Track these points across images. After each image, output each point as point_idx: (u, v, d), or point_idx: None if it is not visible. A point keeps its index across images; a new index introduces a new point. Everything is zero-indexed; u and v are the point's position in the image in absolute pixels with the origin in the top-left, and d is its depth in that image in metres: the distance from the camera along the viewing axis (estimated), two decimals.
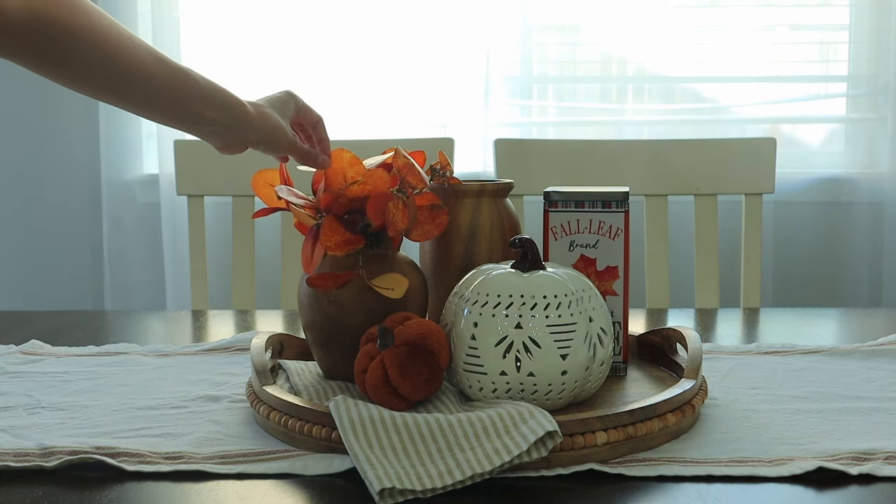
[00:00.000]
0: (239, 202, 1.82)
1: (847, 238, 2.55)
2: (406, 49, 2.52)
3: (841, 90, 2.61)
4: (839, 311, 1.70)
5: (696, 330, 1.38)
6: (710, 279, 1.80)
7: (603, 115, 2.62)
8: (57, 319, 1.51)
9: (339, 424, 0.86)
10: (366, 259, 1.02)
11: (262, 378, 1.00)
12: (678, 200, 1.99)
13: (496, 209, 1.09)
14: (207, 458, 0.89)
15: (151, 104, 1.03)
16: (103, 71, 0.98)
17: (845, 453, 0.88)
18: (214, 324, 1.53)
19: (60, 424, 0.99)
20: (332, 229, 0.99)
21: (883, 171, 2.52)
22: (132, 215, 2.56)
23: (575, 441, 0.86)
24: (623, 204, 1.08)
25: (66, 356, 1.25)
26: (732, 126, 2.58)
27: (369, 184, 0.99)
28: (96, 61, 0.97)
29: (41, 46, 0.94)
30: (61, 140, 2.59)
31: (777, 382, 1.11)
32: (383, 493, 0.79)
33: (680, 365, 1.09)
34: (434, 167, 1.11)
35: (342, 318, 1.01)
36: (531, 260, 0.97)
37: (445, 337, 0.95)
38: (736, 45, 2.54)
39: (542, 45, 2.61)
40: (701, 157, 1.83)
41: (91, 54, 0.96)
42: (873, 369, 1.15)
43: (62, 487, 0.84)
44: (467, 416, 0.87)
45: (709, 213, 1.81)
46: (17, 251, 2.63)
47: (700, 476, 0.85)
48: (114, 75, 0.99)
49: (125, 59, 0.98)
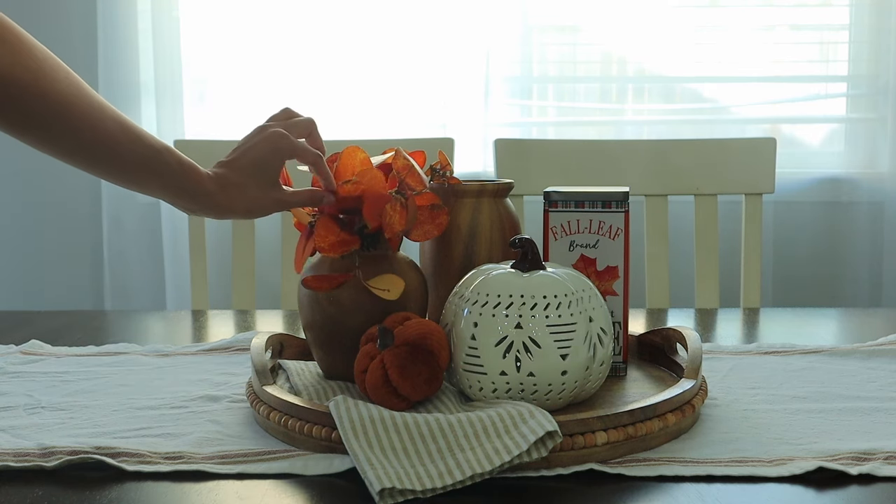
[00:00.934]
0: None
1: (847, 238, 2.55)
2: (406, 49, 2.52)
3: (841, 90, 2.61)
4: (839, 311, 1.70)
5: (696, 330, 1.38)
6: (710, 279, 1.80)
7: (603, 115, 2.62)
8: (57, 319, 1.51)
9: (339, 424, 0.86)
10: (363, 259, 1.02)
11: (262, 378, 1.00)
12: (678, 200, 1.99)
13: (496, 209, 1.09)
14: (207, 458, 0.89)
15: (113, 175, 0.99)
16: (64, 138, 0.95)
17: (845, 453, 0.88)
18: (214, 324, 1.53)
19: (60, 424, 0.99)
20: (326, 229, 0.99)
21: (883, 171, 2.52)
22: (132, 215, 2.56)
23: (575, 441, 0.86)
24: (623, 204, 1.08)
25: (66, 356, 1.25)
26: (732, 126, 2.58)
27: (363, 183, 0.99)
28: (58, 128, 0.94)
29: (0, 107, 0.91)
30: None
31: (777, 382, 1.11)
32: (383, 493, 0.79)
33: (680, 365, 1.09)
34: (434, 167, 1.11)
35: (342, 319, 1.01)
36: (531, 260, 0.97)
37: (445, 337, 0.95)
38: (736, 45, 2.54)
39: (542, 45, 2.61)
40: (701, 157, 1.83)
41: (53, 121, 0.93)
42: (873, 369, 1.15)
43: (62, 487, 0.84)
44: (467, 416, 0.87)
45: (709, 213, 1.81)
46: (17, 251, 2.63)
47: (700, 476, 0.85)
48: (76, 144, 0.95)
49: (90, 129, 0.95)
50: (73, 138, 0.95)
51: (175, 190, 1.00)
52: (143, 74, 2.54)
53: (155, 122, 2.51)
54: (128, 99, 2.53)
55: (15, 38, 0.93)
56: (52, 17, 2.55)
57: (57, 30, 2.55)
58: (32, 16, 2.54)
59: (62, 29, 2.55)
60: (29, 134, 0.96)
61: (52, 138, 0.96)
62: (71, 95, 0.94)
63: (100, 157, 0.97)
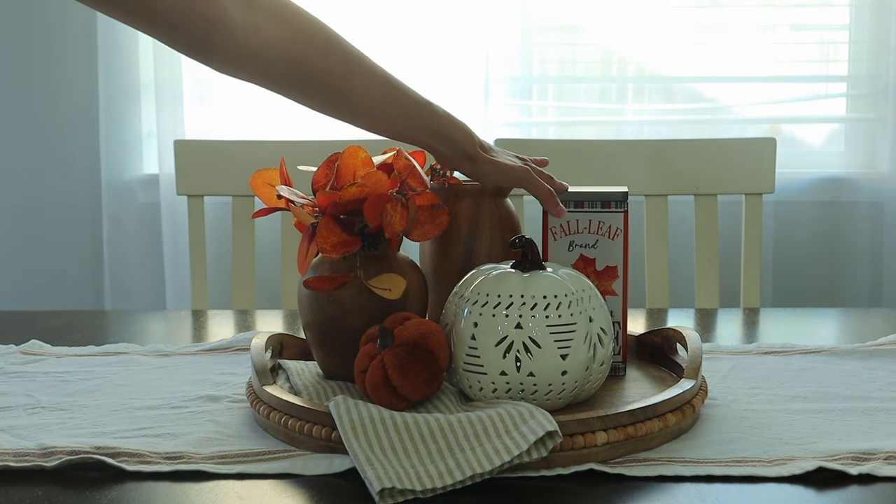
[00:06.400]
0: (239, 202, 1.82)
1: (847, 238, 2.55)
2: (406, 49, 2.52)
3: (841, 90, 2.61)
4: (839, 311, 1.70)
5: (696, 330, 1.38)
6: (710, 279, 1.80)
7: (603, 115, 2.62)
8: (57, 319, 1.51)
9: (339, 424, 0.86)
10: (364, 260, 1.02)
11: (262, 378, 1.00)
12: (678, 200, 1.99)
13: (496, 209, 1.09)
14: (207, 458, 0.89)
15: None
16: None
17: (845, 453, 0.88)
18: (214, 324, 1.53)
19: (60, 424, 0.99)
20: (328, 230, 0.99)
21: (883, 171, 2.52)
22: (132, 215, 2.56)
23: (575, 441, 0.86)
24: (622, 204, 1.08)
25: (66, 356, 1.25)
26: (732, 126, 2.58)
27: (368, 186, 0.99)
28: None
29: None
30: (61, 140, 2.59)
31: (777, 382, 1.11)
32: (383, 493, 0.79)
33: (680, 365, 1.09)
34: (434, 167, 1.11)
35: (342, 318, 1.01)
36: (531, 260, 0.97)
37: (445, 337, 0.95)
38: (736, 45, 2.54)
39: (542, 45, 2.61)
40: (701, 157, 1.83)
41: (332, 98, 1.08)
42: (873, 369, 1.15)
43: (62, 487, 0.84)
44: (467, 416, 0.87)
45: (709, 213, 1.81)
46: (17, 251, 2.63)
47: (700, 476, 0.85)
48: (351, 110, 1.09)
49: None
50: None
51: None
52: (143, 74, 2.54)
53: (155, 122, 2.51)
54: (128, 99, 2.53)
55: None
56: (52, 17, 2.55)
57: (57, 30, 2.55)
58: (33, 16, 2.54)
59: (62, 29, 2.55)
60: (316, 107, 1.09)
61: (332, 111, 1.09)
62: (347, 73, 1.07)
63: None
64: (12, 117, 2.58)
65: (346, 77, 1.06)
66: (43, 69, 2.56)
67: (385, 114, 1.08)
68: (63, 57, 2.57)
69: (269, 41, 1.02)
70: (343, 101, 1.08)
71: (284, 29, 1.03)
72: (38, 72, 2.56)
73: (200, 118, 2.58)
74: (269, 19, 1.02)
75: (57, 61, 2.56)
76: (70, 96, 2.58)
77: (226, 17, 0.99)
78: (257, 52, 1.02)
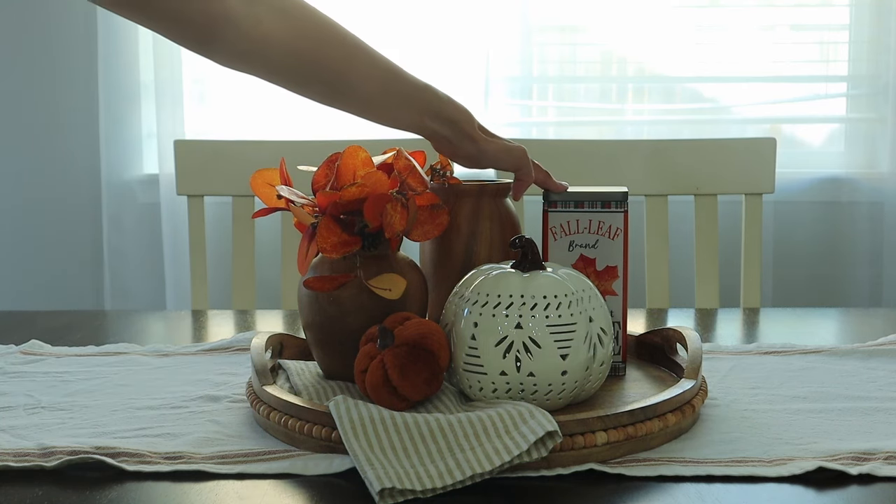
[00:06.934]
0: (239, 202, 1.82)
1: (847, 238, 2.55)
2: (406, 49, 2.52)
3: (841, 90, 2.61)
4: (839, 311, 1.70)
5: (696, 330, 1.38)
6: (710, 279, 1.80)
7: (603, 115, 2.62)
8: (57, 319, 1.51)
9: (339, 424, 0.86)
10: (364, 260, 1.02)
11: (262, 378, 1.00)
12: (678, 200, 1.99)
13: (496, 209, 1.09)
14: (207, 458, 0.89)
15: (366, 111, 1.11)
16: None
17: (845, 453, 0.88)
18: (214, 324, 1.53)
19: (60, 424, 0.99)
20: (328, 230, 0.99)
21: (883, 171, 2.52)
22: (132, 215, 2.56)
23: (575, 441, 0.86)
24: (622, 204, 1.08)
25: (66, 356, 1.25)
26: (732, 126, 2.58)
27: (368, 186, 0.99)
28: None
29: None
30: (61, 140, 2.59)
31: (777, 382, 1.11)
32: (383, 493, 0.79)
33: (680, 365, 1.09)
34: (434, 167, 1.11)
35: (342, 319, 1.01)
36: (531, 260, 0.97)
37: (445, 337, 0.95)
38: (736, 45, 2.54)
39: (542, 45, 2.61)
40: (701, 157, 1.83)
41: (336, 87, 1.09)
42: (873, 369, 1.15)
43: (62, 487, 0.84)
44: (467, 416, 0.87)
45: (709, 213, 1.81)
46: (17, 251, 2.63)
47: (700, 476, 0.85)
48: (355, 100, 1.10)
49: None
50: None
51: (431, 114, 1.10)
52: (143, 74, 2.54)
53: (155, 121, 2.51)
54: (128, 99, 2.53)
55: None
56: (52, 16, 2.55)
57: (57, 30, 2.55)
58: (33, 16, 2.54)
59: (62, 29, 2.55)
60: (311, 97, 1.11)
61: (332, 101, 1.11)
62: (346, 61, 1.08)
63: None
64: (12, 117, 2.58)
65: (348, 66, 1.07)
66: (43, 69, 2.56)
67: (387, 101, 1.09)
68: (63, 57, 2.57)
69: (271, 33, 1.02)
70: (345, 91, 1.09)
71: (286, 21, 1.03)
72: (38, 72, 2.56)
73: (200, 118, 2.58)
74: (270, 12, 1.02)
75: (57, 61, 2.56)
76: (70, 96, 2.58)
77: (228, 11, 1.00)
78: (260, 44, 1.02)
